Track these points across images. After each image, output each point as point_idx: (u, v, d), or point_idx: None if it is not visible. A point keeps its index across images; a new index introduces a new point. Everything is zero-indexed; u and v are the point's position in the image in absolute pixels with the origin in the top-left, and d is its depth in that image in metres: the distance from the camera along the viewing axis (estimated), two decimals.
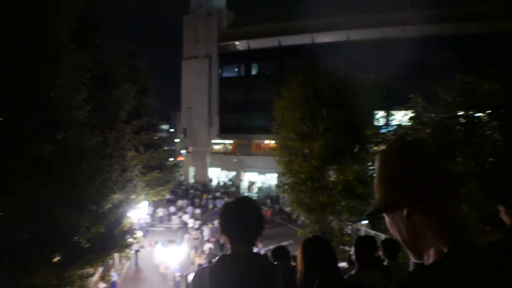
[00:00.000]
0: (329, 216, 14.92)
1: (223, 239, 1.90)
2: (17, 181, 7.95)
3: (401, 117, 11.64)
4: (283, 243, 23.41)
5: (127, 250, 20.65)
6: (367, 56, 25.44)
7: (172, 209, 29.13)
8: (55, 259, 8.65)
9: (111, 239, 10.17)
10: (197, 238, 20.95)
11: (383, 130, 13.12)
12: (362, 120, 13.98)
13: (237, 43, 42.04)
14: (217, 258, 1.97)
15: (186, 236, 21.46)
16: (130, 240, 11.39)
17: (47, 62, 8.84)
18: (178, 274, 14.29)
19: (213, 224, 22.08)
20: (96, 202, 9.53)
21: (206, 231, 22.13)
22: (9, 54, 8.08)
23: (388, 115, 16.25)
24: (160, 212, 26.44)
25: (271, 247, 19.01)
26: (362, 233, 18.67)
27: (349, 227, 15.58)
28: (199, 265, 14.40)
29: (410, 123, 10.06)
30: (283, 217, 29.17)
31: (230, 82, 41.68)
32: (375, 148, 12.27)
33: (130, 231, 11.43)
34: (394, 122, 13.67)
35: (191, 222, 24.20)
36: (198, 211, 28.40)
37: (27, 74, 8.36)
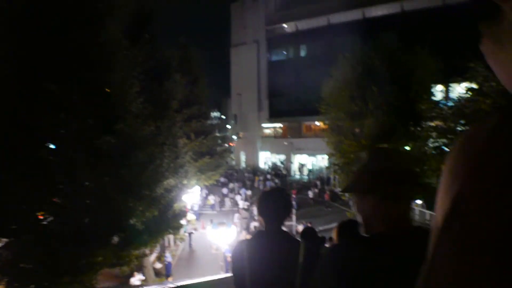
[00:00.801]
0: None
1: (259, 220, 2.37)
2: (81, 171, 8.52)
3: (460, 89, 10.72)
4: (332, 224, 23.20)
5: (181, 232, 21.78)
6: (423, 26, 23.73)
7: (225, 191, 30.43)
8: (114, 241, 9.25)
9: (164, 222, 10.63)
10: (245, 218, 22.45)
11: (440, 105, 12.22)
12: (417, 95, 13.11)
13: (285, 25, 41.34)
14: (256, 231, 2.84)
15: (236, 215, 22.82)
16: (181, 222, 11.83)
17: (102, 62, 9.31)
18: (228, 254, 14.67)
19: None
20: (149, 187, 9.96)
21: (255, 211, 22.64)
22: (69, 56, 8.59)
23: (447, 88, 15.10)
24: (211, 199, 26.70)
25: (321, 227, 19.00)
26: (416, 214, 17.84)
27: None
28: None
29: (469, 95, 9.22)
30: (334, 198, 28.72)
31: (279, 66, 41.22)
32: (431, 124, 11.49)
33: (182, 213, 11.85)
34: (452, 95, 12.68)
35: (241, 204, 25.43)
36: (249, 192, 29.39)
37: (85, 74, 8.87)
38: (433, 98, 14.07)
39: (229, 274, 7.73)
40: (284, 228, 2.32)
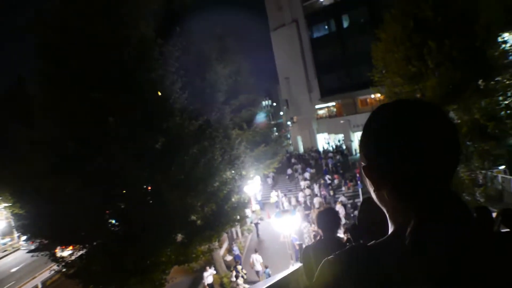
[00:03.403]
0: None
1: (318, 231, 3.46)
2: (134, 172, 8.56)
3: None
4: None
5: (247, 223, 21.80)
6: None
7: (289, 171, 32.32)
8: (178, 239, 9.26)
9: (223, 215, 10.47)
10: (309, 195, 23.55)
11: None
12: (484, 43, 11.45)
13: None
14: (316, 239, 3.58)
15: (300, 194, 23.82)
16: (245, 213, 11.61)
17: (138, 62, 9.27)
18: (296, 242, 14.24)
19: (322, 181, 25.76)
20: (205, 181, 9.81)
21: (316, 188, 24.34)
22: (107, 61, 8.66)
23: None
24: (274, 196, 25.78)
25: None
26: (499, 181, 15.95)
27: (481, 176, 13.34)
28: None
29: None
30: None
31: (323, 42, 39.45)
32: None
33: (241, 205, 11.62)
34: None
35: (302, 184, 26.39)
36: (313, 171, 30.70)
37: (125, 77, 8.89)
38: (505, 45, 12.24)
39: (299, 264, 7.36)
40: (338, 234, 3.16)
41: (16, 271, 22.41)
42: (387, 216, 0.83)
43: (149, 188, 9.24)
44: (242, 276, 15.91)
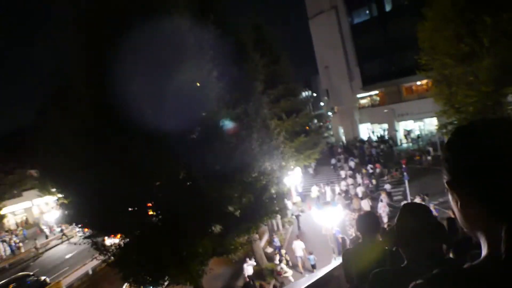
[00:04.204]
0: None
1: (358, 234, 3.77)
2: (168, 163, 8.51)
3: None
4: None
5: (288, 215, 21.49)
6: None
7: (333, 161, 32.39)
8: (215, 230, 9.14)
9: (262, 207, 10.20)
10: (351, 184, 23.30)
11: None
12: None
13: None
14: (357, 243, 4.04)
15: (343, 183, 23.61)
16: (285, 205, 11.29)
17: (171, 50, 9.17)
18: (339, 236, 13.73)
19: (364, 170, 25.28)
20: (241, 172, 9.59)
21: (359, 177, 23.95)
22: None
23: None
24: (315, 191, 24.54)
25: (441, 199, 16.75)
26: None
27: None
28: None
29: None
30: None
31: (364, 27, 37.75)
32: None
33: (280, 196, 11.29)
34: None
35: (343, 174, 26.33)
36: (357, 160, 30.07)
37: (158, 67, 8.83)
38: None
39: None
40: (378, 237, 3.30)
41: (70, 258, 23.79)
42: (479, 235, 0.81)
43: (186, 178, 9.17)
44: (286, 260, 15.91)
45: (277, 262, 15.63)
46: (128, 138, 8.49)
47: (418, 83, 35.06)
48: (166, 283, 9.11)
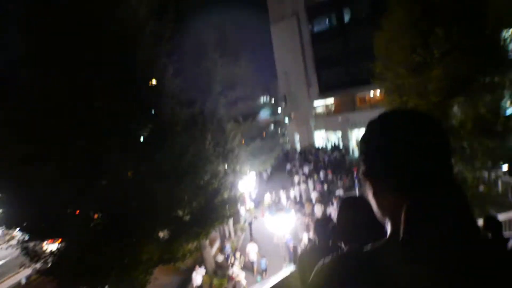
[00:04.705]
0: (459, 164, 12.21)
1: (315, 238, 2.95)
2: (115, 159, 7.84)
3: None
4: None
5: (241, 222, 21.09)
6: None
7: (288, 166, 32.58)
8: (161, 235, 8.55)
9: (212, 211, 9.73)
10: (305, 190, 23.31)
11: None
12: (495, 31, 10.75)
13: None
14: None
15: (297, 188, 23.69)
16: (232, 210, 10.86)
17: (126, 38, 8.56)
18: (291, 244, 13.51)
19: (316, 176, 25.63)
20: (192, 173, 9.08)
21: (310, 183, 24.10)
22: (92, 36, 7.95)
23: None
24: (268, 199, 23.87)
25: None
26: (504, 182, 15.23)
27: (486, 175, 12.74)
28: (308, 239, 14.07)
29: None
30: None
31: (324, 36, 38.61)
32: None
33: (232, 201, 10.88)
34: None
35: (296, 179, 25.96)
36: (311, 166, 30.46)
37: (111, 54, 8.18)
38: None
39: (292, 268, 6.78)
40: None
41: (2, 264, 21.70)
42: (387, 221, 0.83)
43: (133, 178, 8.51)
44: (241, 262, 15.64)
45: (230, 268, 15.17)
46: (72, 133, 7.74)
47: (371, 93, 36.30)
48: None
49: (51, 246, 8.67)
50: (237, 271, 14.66)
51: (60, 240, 8.58)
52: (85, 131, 7.87)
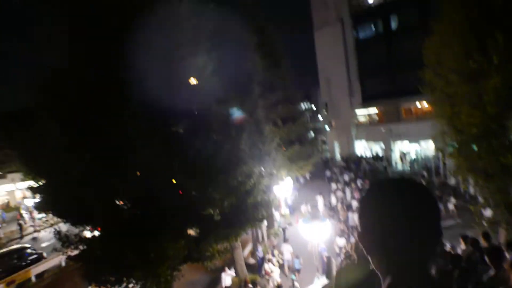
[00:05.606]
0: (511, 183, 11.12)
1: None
2: (147, 155, 7.82)
3: None
4: (449, 222, 19.85)
5: (275, 226, 20.68)
6: None
7: (328, 173, 32.82)
8: (191, 233, 8.41)
9: (244, 212, 9.48)
10: (342, 197, 23.15)
11: None
12: None
13: None
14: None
15: (332, 196, 23.67)
16: (264, 213, 10.53)
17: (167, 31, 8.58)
18: (325, 254, 12.98)
19: (354, 185, 24.82)
20: (225, 173, 8.89)
21: (348, 192, 23.68)
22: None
23: None
24: (303, 210, 22.95)
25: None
26: None
27: None
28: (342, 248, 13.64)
29: None
30: (447, 192, 24.50)
31: (368, 43, 37.45)
32: None
33: (266, 204, 10.56)
34: None
35: (333, 187, 25.67)
36: (352, 174, 30.10)
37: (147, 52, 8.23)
38: None
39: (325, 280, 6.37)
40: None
41: (46, 246, 22.79)
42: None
43: (166, 173, 8.45)
44: (278, 259, 16.15)
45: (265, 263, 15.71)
46: (111, 124, 7.83)
47: (418, 105, 34.70)
48: (131, 286, 8.31)
49: (83, 233, 8.82)
50: (272, 268, 14.65)
51: (92, 228, 8.72)
52: (123, 124, 7.92)
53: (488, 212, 13.34)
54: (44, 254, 19.37)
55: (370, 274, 2.40)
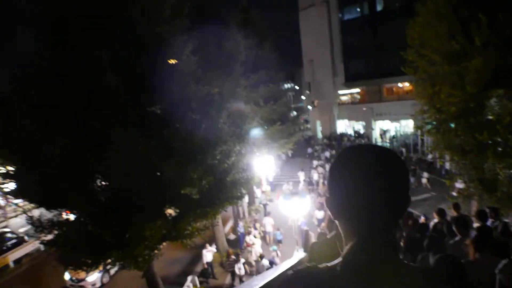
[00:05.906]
0: (491, 160, 11.33)
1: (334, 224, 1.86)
2: (123, 134, 7.54)
3: None
4: (423, 195, 20.56)
5: (256, 203, 20.85)
6: None
7: (309, 150, 33.84)
8: (169, 212, 8.27)
9: (222, 190, 9.38)
10: (321, 173, 24.28)
11: None
12: None
13: None
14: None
15: (313, 171, 24.80)
16: (243, 191, 10.47)
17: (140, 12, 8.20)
18: (304, 227, 13.20)
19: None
20: (204, 152, 8.69)
21: (328, 167, 24.31)
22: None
23: None
24: (285, 188, 23.42)
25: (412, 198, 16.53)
26: None
27: None
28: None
29: None
30: (422, 166, 25.33)
31: (353, 25, 37.26)
32: None
33: (243, 181, 10.47)
34: None
35: (315, 163, 27.14)
36: (333, 152, 31.27)
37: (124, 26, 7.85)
38: None
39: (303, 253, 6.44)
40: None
41: (23, 232, 22.26)
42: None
43: (142, 152, 8.21)
44: (260, 232, 16.88)
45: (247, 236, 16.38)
46: (85, 105, 7.48)
47: (400, 85, 35.05)
48: (109, 267, 8.17)
49: (59, 217, 8.55)
50: (253, 239, 14.94)
51: (67, 212, 8.47)
52: (95, 104, 7.59)
53: (460, 185, 13.76)
54: (26, 238, 18.78)
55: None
